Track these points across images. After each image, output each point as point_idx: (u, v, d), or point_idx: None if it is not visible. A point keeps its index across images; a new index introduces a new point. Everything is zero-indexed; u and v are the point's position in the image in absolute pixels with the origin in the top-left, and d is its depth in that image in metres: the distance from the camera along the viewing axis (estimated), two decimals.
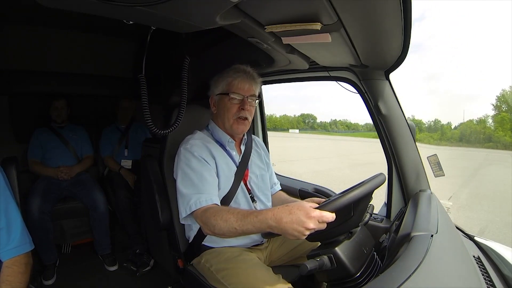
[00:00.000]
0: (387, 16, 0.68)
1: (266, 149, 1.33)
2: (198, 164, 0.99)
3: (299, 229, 0.70)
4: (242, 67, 1.10)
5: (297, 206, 0.72)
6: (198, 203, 0.92)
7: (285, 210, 0.72)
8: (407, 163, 1.21)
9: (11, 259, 0.86)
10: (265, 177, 1.22)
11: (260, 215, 0.76)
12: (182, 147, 1.05)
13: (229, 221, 0.81)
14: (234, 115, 1.06)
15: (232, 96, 1.05)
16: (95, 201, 1.89)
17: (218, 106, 1.11)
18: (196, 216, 0.93)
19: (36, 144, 2.00)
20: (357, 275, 0.75)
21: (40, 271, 1.72)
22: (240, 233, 0.81)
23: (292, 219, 0.70)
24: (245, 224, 0.78)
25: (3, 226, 0.86)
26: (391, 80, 1.17)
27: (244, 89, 1.06)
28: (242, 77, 1.07)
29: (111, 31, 2.02)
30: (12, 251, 0.86)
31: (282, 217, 0.72)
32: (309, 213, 0.69)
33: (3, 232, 0.86)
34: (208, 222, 0.87)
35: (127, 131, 2.35)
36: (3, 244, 0.85)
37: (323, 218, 0.69)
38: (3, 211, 0.87)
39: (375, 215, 1.33)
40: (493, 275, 0.84)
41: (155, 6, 0.54)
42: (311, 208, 0.71)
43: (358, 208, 0.79)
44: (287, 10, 0.68)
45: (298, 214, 0.70)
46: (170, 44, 1.67)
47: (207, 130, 1.15)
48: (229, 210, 0.86)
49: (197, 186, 0.95)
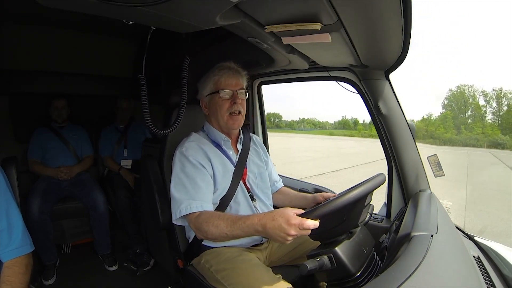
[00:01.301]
0: (387, 16, 0.68)
1: (264, 147, 1.33)
2: (192, 169, 1.00)
3: (281, 235, 0.73)
4: (226, 64, 1.11)
5: (280, 213, 0.75)
6: (189, 209, 0.94)
7: (269, 217, 0.76)
8: (407, 163, 1.21)
9: (12, 260, 0.86)
10: (264, 175, 1.22)
11: (248, 220, 0.80)
12: (177, 151, 1.06)
13: (220, 227, 0.85)
14: (227, 111, 1.07)
15: (222, 93, 1.06)
16: (95, 201, 1.89)
17: (209, 106, 1.11)
18: (190, 221, 0.96)
19: (36, 144, 2.00)
20: (357, 275, 0.75)
21: (40, 271, 1.72)
22: (231, 237, 0.85)
23: (275, 225, 0.74)
24: (235, 229, 0.82)
25: (4, 228, 0.86)
26: (391, 80, 1.17)
27: (232, 84, 1.07)
28: (227, 73, 1.08)
29: (111, 31, 2.02)
30: (13, 252, 0.87)
31: (266, 223, 0.76)
32: (290, 220, 0.72)
33: (4, 233, 0.86)
34: (200, 228, 0.90)
35: (126, 131, 2.35)
36: (4, 245, 0.85)
37: (304, 226, 0.71)
38: (4, 212, 0.87)
39: (375, 215, 1.33)
40: (493, 275, 0.84)
41: (155, 6, 0.54)
42: (293, 215, 0.73)
43: (352, 212, 0.79)
44: (287, 10, 0.68)
45: (279, 221, 0.73)
46: (170, 44, 1.67)
47: (203, 131, 1.15)
48: (219, 216, 0.88)
49: (189, 192, 0.97)
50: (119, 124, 2.37)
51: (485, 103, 43.33)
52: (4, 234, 0.86)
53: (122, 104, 2.32)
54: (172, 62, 1.81)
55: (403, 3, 0.63)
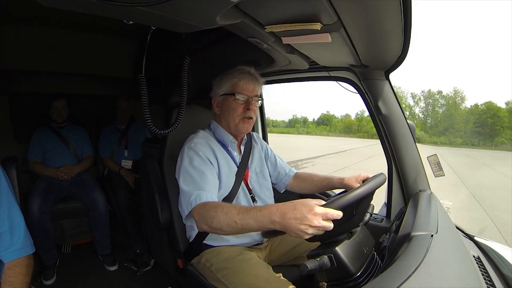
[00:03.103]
0: (387, 16, 0.68)
1: (263, 141, 1.33)
2: (201, 163, 1.00)
3: (301, 227, 0.67)
4: (246, 68, 1.10)
5: (302, 202, 0.70)
6: (198, 199, 0.90)
7: (290, 206, 0.70)
8: (407, 163, 1.21)
9: (13, 261, 0.86)
10: (265, 172, 1.23)
11: (264, 209, 0.74)
12: (186, 146, 1.05)
13: (230, 213, 0.79)
14: (240, 115, 1.07)
15: (237, 97, 1.06)
16: (95, 201, 1.89)
17: (222, 106, 1.11)
18: (194, 210, 0.90)
19: (36, 144, 2.00)
20: (357, 275, 0.75)
21: (40, 271, 1.72)
22: (239, 228, 0.78)
23: (296, 215, 0.68)
24: (247, 217, 0.76)
25: (6, 229, 0.86)
26: (391, 80, 1.17)
27: (249, 89, 1.07)
28: (247, 78, 1.08)
29: (111, 31, 2.02)
30: (14, 253, 0.87)
31: (286, 212, 0.69)
32: (314, 209, 0.67)
33: (6, 234, 0.86)
34: (206, 215, 0.84)
35: (126, 132, 2.35)
36: (6, 246, 0.86)
37: (328, 216, 0.67)
38: (6, 214, 0.87)
39: (375, 215, 1.33)
40: (493, 275, 0.84)
41: (155, 6, 0.54)
42: (316, 205, 0.68)
43: (360, 207, 0.80)
44: (287, 10, 0.68)
45: (302, 210, 0.68)
46: (170, 44, 1.68)
47: (209, 130, 1.15)
48: (231, 204, 0.87)
49: (198, 183, 0.95)
50: (119, 124, 2.37)
51: (414, 103, 54.45)
52: (6, 236, 0.86)
53: (122, 104, 2.32)
54: (172, 62, 1.81)
55: (403, 3, 0.63)
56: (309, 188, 1.26)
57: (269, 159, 1.30)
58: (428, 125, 52.35)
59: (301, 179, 1.28)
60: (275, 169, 1.29)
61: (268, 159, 1.29)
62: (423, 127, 51.04)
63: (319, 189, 1.23)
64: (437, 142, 45.60)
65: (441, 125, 49.84)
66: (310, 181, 1.25)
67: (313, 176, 1.26)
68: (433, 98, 50.64)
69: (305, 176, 1.28)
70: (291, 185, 1.30)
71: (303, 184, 1.27)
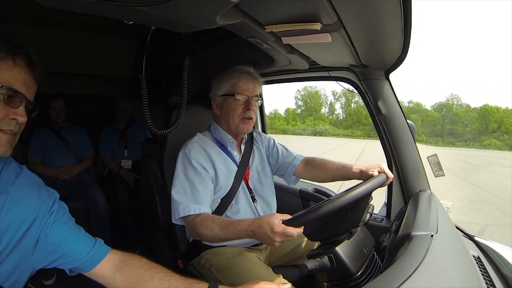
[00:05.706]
0: (387, 16, 0.68)
1: (264, 135, 1.30)
2: (193, 173, 1.00)
3: (267, 241, 0.78)
4: (245, 68, 1.10)
5: (266, 220, 0.78)
6: (186, 211, 0.96)
7: (257, 224, 0.80)
8: (407, 163, 1.20)
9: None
10: (267, 171, 1.22)
11: (239, 225, 0.84)
12: (181, 151, 1.06)
13: (214, 230, 0.88)
14: (239, 116, 1.06)
15: (237, 97, 1.05)
16: (95, 201, 1.89)
17: (221, 107, 1.10)
18: (186, 223, 0.98)
19: (36, 144, 2.00)
20: (357, 275, 0.75)
21: (40, 271, 1.71)
22: (224, 240, 0.89)
23: (261, 232, 0.78)
24: (228, 233, 0.86)
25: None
26: (391, 80, 1.17)
27: (249, 90, 1.07)
28: (246, 78, 1.07)
29: (111, 31, 2.01)
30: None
31: (254, 229, 0.80)
32: (274, 228, 0.75)
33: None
34: (196, 230, 0.93)
35: (126, 131, 2.35)
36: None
37: (287, 234, 0.74)
38: None
39: (375, 215, 1.33)
40: (493, 275, 0.84)
41: (155, 6, 0.54)
42: (277, 223, 0.76)
43: (355, 210, 0.79)
44: (287, 10, 0.68)
45: (265, 228, 0.77)
46: (170, 44, 1.67)
47: (209, 131, 1.15)
48: (214, 220, 0.91)
49: (187, 195, 0.98)
50: (119, 124, 2.37)
51: (334, 100, 60.15)
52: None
53: (121, 104, 2.32)
54: (172, 62, 1.81)
55: (403, 3, 0.63)
56: (322, 176, 1.16)
57: (272, 152, 1.25)
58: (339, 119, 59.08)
59: (313, 165, 1.18)
60: (278, 161, 1.23)
61: (270, 154, 1.25)
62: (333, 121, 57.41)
63: (334, 177, 1.11)
64: (340, 134, 50.61)
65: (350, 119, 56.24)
66: (323, 168, 1.14)
67: (327, 163, 1.14)
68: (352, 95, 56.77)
69: (318, 163, 1.17)
70: (301, 172, 1.20)
71: (316, 171, 1.17)
